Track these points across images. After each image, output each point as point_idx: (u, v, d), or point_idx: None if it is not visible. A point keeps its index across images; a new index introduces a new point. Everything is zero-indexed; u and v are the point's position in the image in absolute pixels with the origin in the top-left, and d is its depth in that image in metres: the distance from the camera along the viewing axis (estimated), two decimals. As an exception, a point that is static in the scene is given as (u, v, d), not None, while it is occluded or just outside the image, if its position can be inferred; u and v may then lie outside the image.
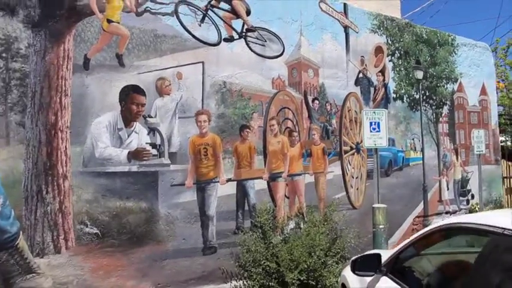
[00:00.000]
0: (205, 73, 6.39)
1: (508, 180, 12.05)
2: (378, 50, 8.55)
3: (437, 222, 2.99)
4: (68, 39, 5.39)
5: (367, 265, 3.23)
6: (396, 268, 3.16)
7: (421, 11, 32.95)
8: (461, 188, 10.12)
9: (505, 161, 12.09)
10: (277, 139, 6.92)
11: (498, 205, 10.49)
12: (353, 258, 3.40)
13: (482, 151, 9.84)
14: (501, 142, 13.78)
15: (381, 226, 5.94)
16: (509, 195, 11.73)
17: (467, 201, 10.17)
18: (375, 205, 6.06)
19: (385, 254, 3.40)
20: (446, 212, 9.57)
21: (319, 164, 7.37)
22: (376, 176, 6.31)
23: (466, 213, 9.18)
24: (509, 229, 2.12)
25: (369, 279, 3.37)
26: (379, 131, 5.95)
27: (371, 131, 5.95)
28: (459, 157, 10.09)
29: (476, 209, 9.76)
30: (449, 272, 2.59)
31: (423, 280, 2.98)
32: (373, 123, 5.96)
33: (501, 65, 14.40)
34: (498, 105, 14.31)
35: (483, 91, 10.90)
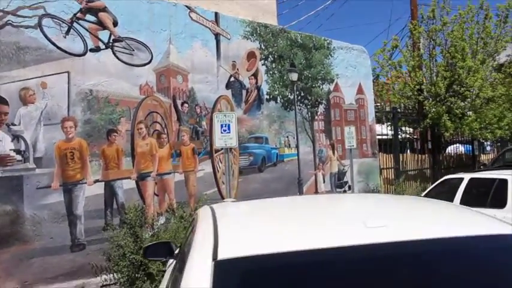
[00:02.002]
0: (70, 82, 6.80)
1: (386, 171, 13.14)
2: (251, 55, 9.23)
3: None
4: None
5: (158, 251, 3.83)
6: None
7: (316, 15, 34.88)
8: (338, 180, 11.05)
9: (382, 153, 13.16)
10: (145, 141, 7.45)
11: (376, 194, 11.51)
12: (145, 245, 3.99)
13: (353, 146, 10.86)
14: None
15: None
16: (387, 185, 12.81)
17: (345, 192, 11.11)
18: (225, 200, 6.72)
19: None
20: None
21: (189, 163, 7.97)
22: (227, 173, 6.95)
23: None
24: None
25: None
26: (229, 132, 6.61)
27: (222, 133, 6.59)
28: (336, 152, 11.00)
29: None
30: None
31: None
32: (223, 125, 6.61)
33: (388, 65, 15.51)
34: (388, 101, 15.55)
35: (360, 90, 11.88)
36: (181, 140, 7.97)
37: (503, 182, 7.01)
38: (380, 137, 13.53)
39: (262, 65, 9.50)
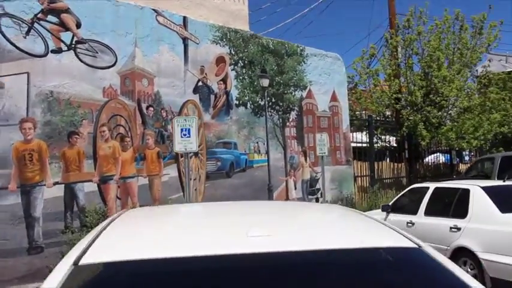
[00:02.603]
0: (30, 83, 6.73)
1: (361, 178, 13.13)
2: (220, 59, 9.23)
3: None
4: None
5: None
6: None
7: (294, 22, 35.32)
8: (310, 187, 11.02)
9: (357, 161, 13.16)
10: (108, 144, 7.39)
11: (349, 202, 11.49)
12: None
13: (325, 153, 10.79)
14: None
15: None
16: (361, 193, 12.80)
17: (317, 199, 11.08)
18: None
19: None
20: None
21: (154, 166, 7.92)
22: (187, 177, 6.88)
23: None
24: None
25: None
26: (189, 137, 6.55)
27: (182, 137, 6.54)
28: (308, 158, 10.97)
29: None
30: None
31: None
32: (184, 129, 6.55)
33: (366, 73, 15.53)
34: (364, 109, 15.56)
35: (334, 98, 11.91)
36: (146, 144, 7.92)
37: (466, 192, 6.96)
38: (359, 144, 13.56)
39: (232, 70, 9.50)
